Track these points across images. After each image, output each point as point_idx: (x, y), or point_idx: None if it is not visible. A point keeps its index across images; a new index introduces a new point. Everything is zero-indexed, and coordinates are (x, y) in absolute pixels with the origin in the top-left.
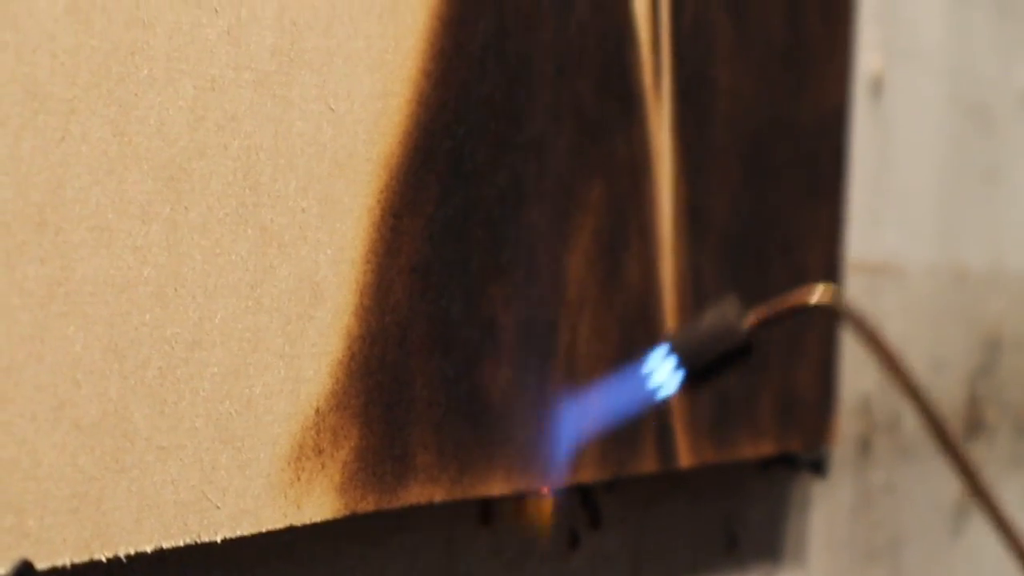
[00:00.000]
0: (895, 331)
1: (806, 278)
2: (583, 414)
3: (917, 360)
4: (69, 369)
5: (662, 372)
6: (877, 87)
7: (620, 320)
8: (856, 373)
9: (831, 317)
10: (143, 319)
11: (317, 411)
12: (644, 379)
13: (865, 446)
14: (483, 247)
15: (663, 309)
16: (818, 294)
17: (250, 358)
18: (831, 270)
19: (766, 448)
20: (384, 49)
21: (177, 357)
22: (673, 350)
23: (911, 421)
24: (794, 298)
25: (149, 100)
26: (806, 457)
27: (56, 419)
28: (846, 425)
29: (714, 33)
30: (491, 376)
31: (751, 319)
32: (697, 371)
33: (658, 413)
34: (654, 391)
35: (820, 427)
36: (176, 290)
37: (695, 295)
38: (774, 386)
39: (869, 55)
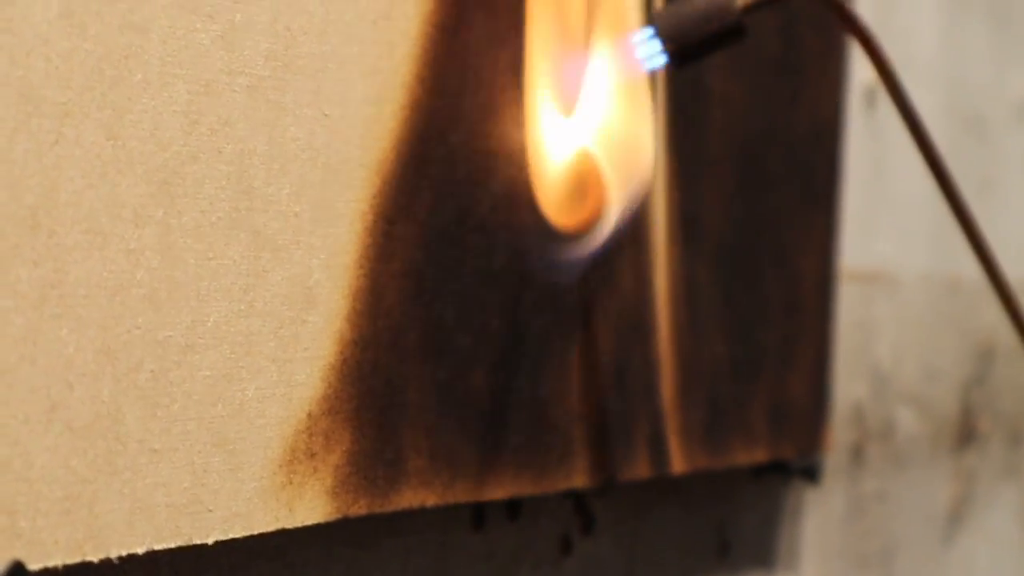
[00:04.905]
0: (888, 340)
1: (800, 286)
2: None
3: (910, 369)
4: (62, 371)
5: (647, 52)
6: (871, 97)
7: (613, 326)
8: (849, 381)
9: (820, 6)
10: (136, 322)
11: (309, 415)
12: (631, 54)
13: (858, 454)
14: (476, 253)
15: (657, 316)
16: None
17: (243, 362)
18: (825, 278)
19: (759, 455)
20: (378, 55)
21: (170, 360)
22: (659, 32)
23: (904, 430)
24: None
25: (143, 104)
26: (799, 464)
27: (49, 421)
28: (839, 433)
29: None
30: (483, 381)
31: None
32: (685, 51)
33: (651, 419)
34: (641, 64)
35: (813, 434)
36: (169, 293)
37: (689, 302)
38: (767, 393)
39: (863, 65)
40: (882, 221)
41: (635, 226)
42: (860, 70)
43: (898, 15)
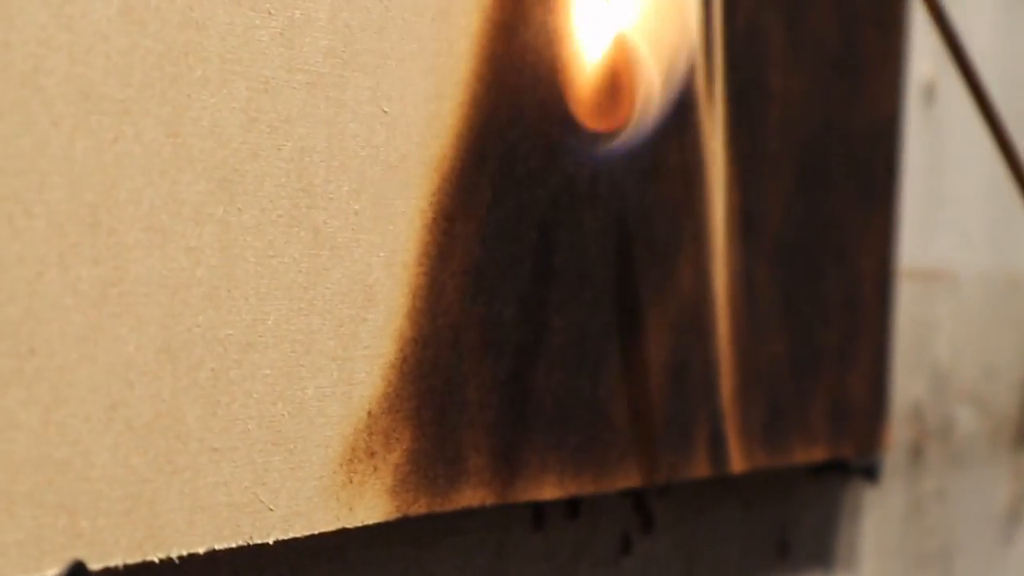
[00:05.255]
0: (947, 338)
1: (859, 285)
2: None
3: (969, 367)
4: (122, 370)
5: None
6: (929, 94)
7: (673, 325)
8: (907, 380)
9: None
10: (196, 320)
11: (369, 414)
12: None
13: (917, 453)
14: (535, 250)
15: (716, 314)
16: None
17: (303, 360)
18: (884, 276)
19: (818, 454)
20: (437, 52)
21: (230, 359)
22: None
23: (962, 428)
24: None
25: (202, 101)
26: (858, 463)
27: (109, 420)
28: (898, 432)
29: (767, 38)
30: (543, 379)
31: None
32: None
33: (710, 418)
34: None
35: (872, 433)
36: (229, 292)
37: (748, 301)
38: (826, 392)
39: (921, 62)
40: (941, 219)
41: (695, 223)
42: (918, 67)
43: (956, 11)
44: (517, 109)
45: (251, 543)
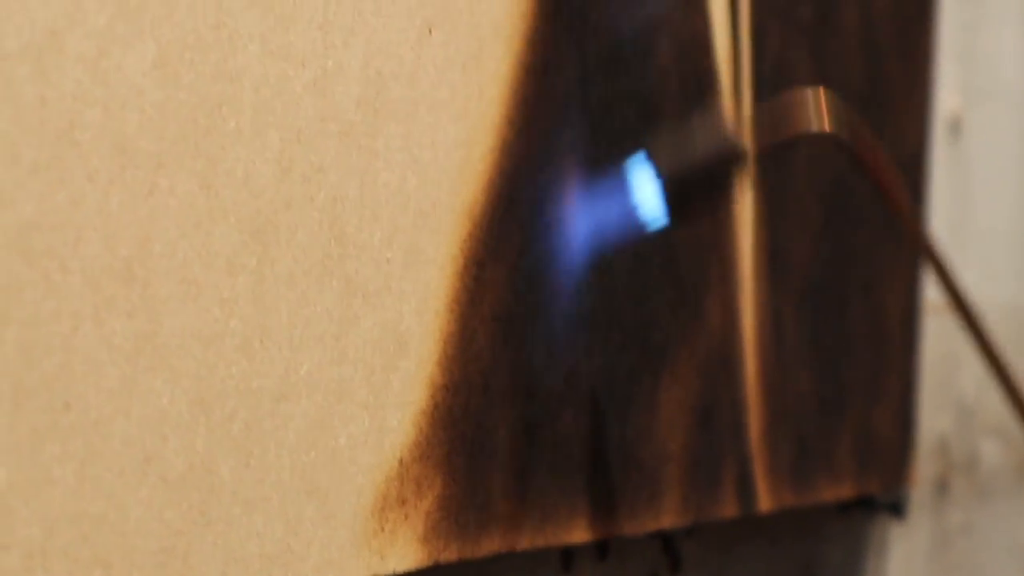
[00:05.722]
0: (973, 372)
1: (885, 320)
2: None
3: (995, 401)
4: (156, 423)
5: (647, 197)
6: (956, 127)
7: (701, 365)
8: (933, 414)
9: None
10: (229, 372)
11: (401, 461)
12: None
13: (942, 487)
14: (565, 294)
15: (744, 353)
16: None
17: (335, 409)
18: (910, 311)
19: (845, 491)
20: (468, 98)
21: (263, 409)
22: (660, 178)
23: (988, 461)
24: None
25: (236, 153)
26: (884, 499)
27: (143, 473)
28: (923, 466)
29: (794, 75)
30: (572, 424)
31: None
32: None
33: (738, 458)
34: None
35: (898, 469)
36: (262, 342)
37: (775, 339)
38: (853, 428)
39: (948, 95)
40: (967, 253)
41: (722, 261)
42: (944, 101)
43: (983, 44)
44: (547, 153)
45: None
